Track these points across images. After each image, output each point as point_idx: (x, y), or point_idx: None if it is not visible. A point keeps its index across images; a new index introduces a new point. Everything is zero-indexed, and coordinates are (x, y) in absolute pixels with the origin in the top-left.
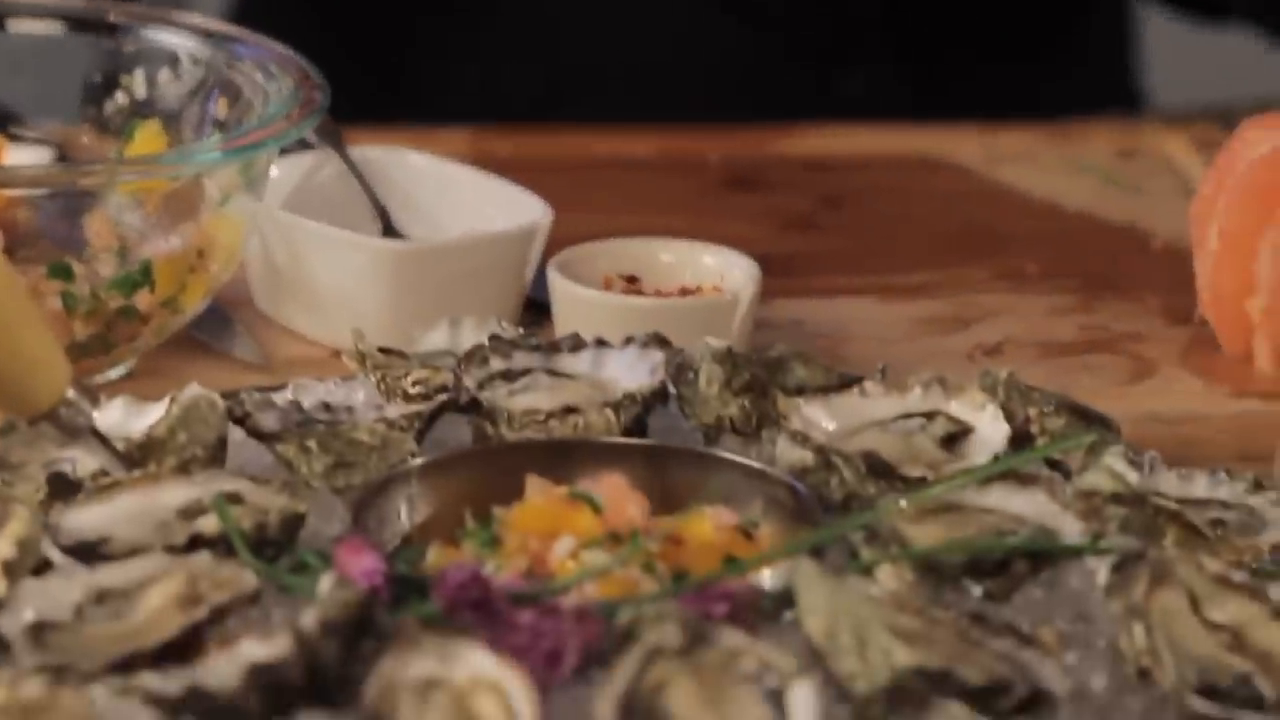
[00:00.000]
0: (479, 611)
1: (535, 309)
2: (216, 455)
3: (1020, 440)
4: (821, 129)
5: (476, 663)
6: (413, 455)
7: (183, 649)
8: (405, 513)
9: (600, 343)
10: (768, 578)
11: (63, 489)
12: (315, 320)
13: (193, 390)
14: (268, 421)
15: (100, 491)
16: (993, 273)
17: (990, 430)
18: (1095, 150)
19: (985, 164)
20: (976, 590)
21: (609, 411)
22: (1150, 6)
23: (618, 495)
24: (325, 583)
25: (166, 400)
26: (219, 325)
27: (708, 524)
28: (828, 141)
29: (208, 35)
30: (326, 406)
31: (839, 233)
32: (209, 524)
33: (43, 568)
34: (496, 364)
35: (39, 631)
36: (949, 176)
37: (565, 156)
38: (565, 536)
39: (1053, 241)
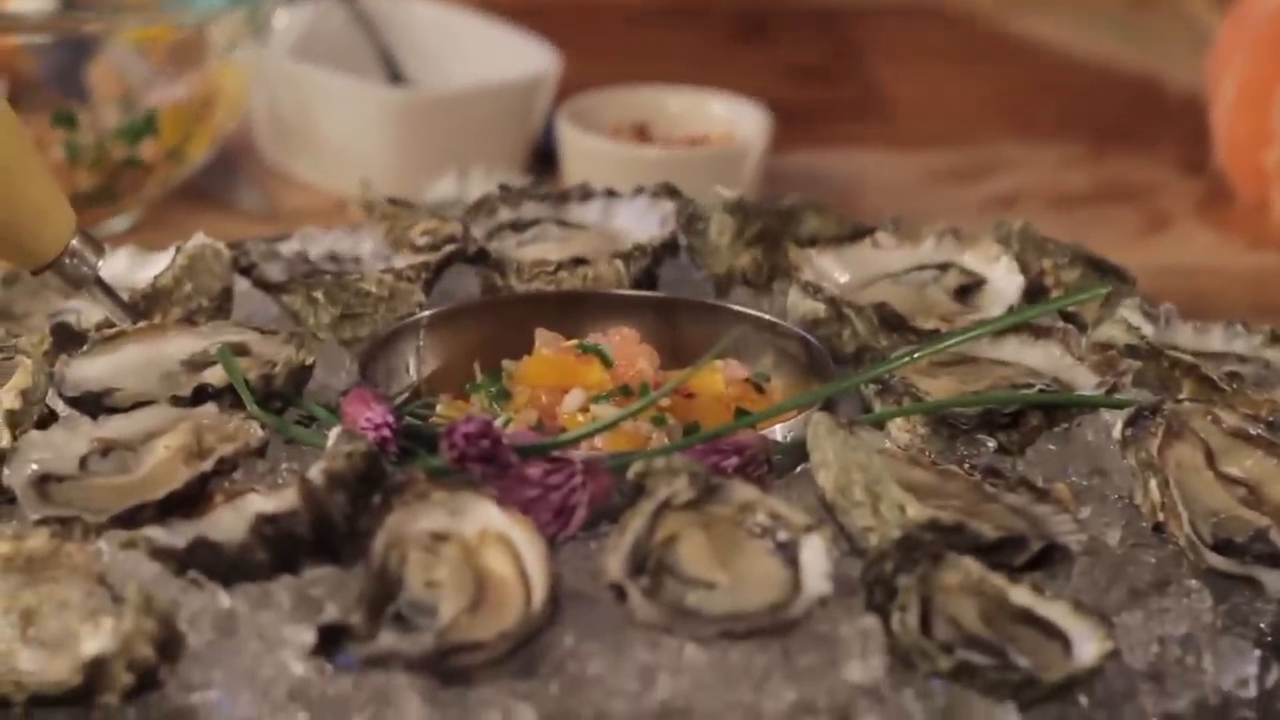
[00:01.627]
0: (488, 464)
1: (544, 158)
2: (222, 306)
3: (1034, 292)
4: None
5: (485, 516)
6: (420, 306)
7: (189, 501)
8: (413, 365)
9: (610, 193)
10: (779, 431)
11: (67, 340)
12: (323, 169)
13: (198, 240)
14: (274, 272)
15: (105, 342)
16: (1006, 124)
17: (1004, 282)
18: (1110, 2)
19: (999, 14)
20: (990, 444)
21: (619, 263)
22: None
23: (628, 348)
24: (333, 435)
25: (172, 250)
26: (225, 175)
27: (719, 377)
28: None
29: None
30: (333, 257)
31: (850, 83)
32: (215, 375)
33: (47, 419)
34: (505, 214)
35: (44, 484)
36: (962, 27)
37: (574, 5)
38: (575, 390)
39: (1067, 93)
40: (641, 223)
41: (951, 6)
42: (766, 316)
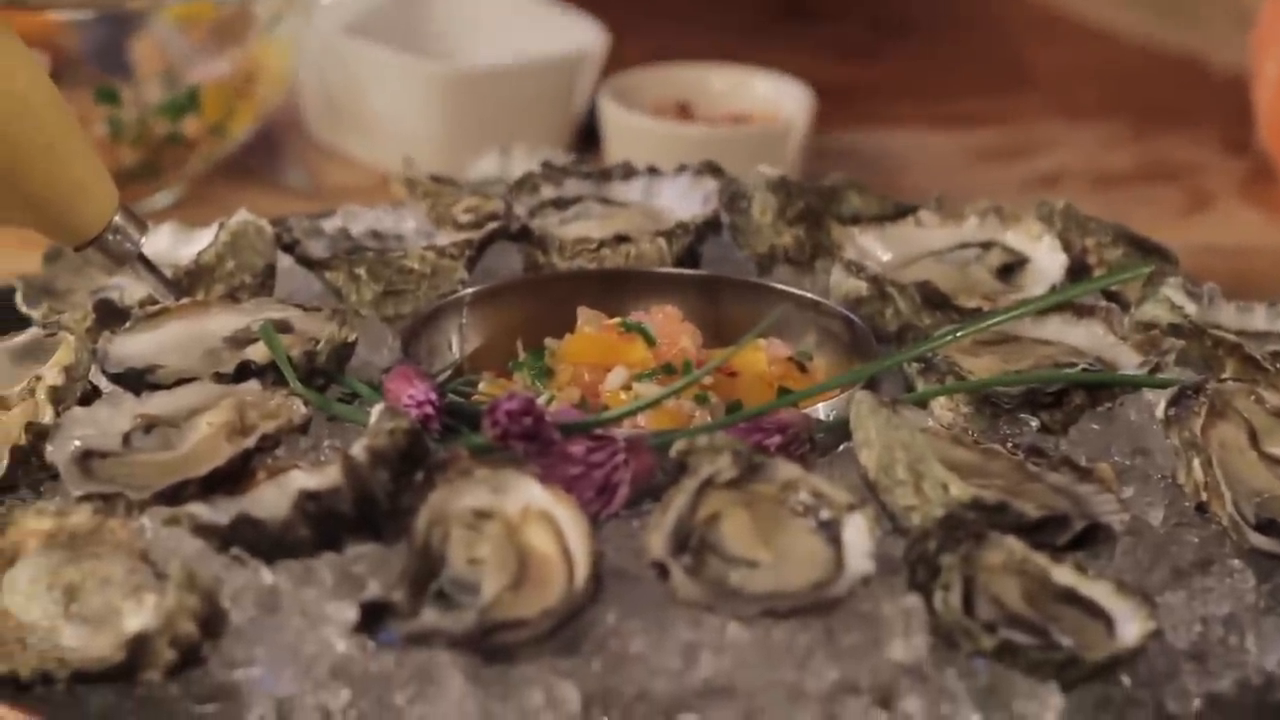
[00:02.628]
0: (531, 442)
1: (587, 136)
2: (265, 282)
3: (1077, 271)
4: None
5: (528, 494)
6: (463, 284)
7: (232, 478)
8: (456, 342)
9: (653, 170)
10: (822, 410)
11: (110, 316)
12: (368, 145)
13: (241, 217)
14: (317, 248)
15: (148, 319)
16: (1048, 103)
17: (1047, 261)
18: None
19: None
20: (1033, 423)
21: (661, 240)
22: None
23: (670, 327)
24: (375, 412)
25: (215, 227)
26: (267, 151)
27: (761, 355)
28: None
29: None
30: (376, 234)
31: (893, 62)
32: (258, 352)
33: (90, 396)
34: (548, 191)
35: (87, 460)
36: (1005, 5)
37: None
38: (618, 368)
39: (1109, 72)
40: (684, 201)
41: None
42: (809, 295)
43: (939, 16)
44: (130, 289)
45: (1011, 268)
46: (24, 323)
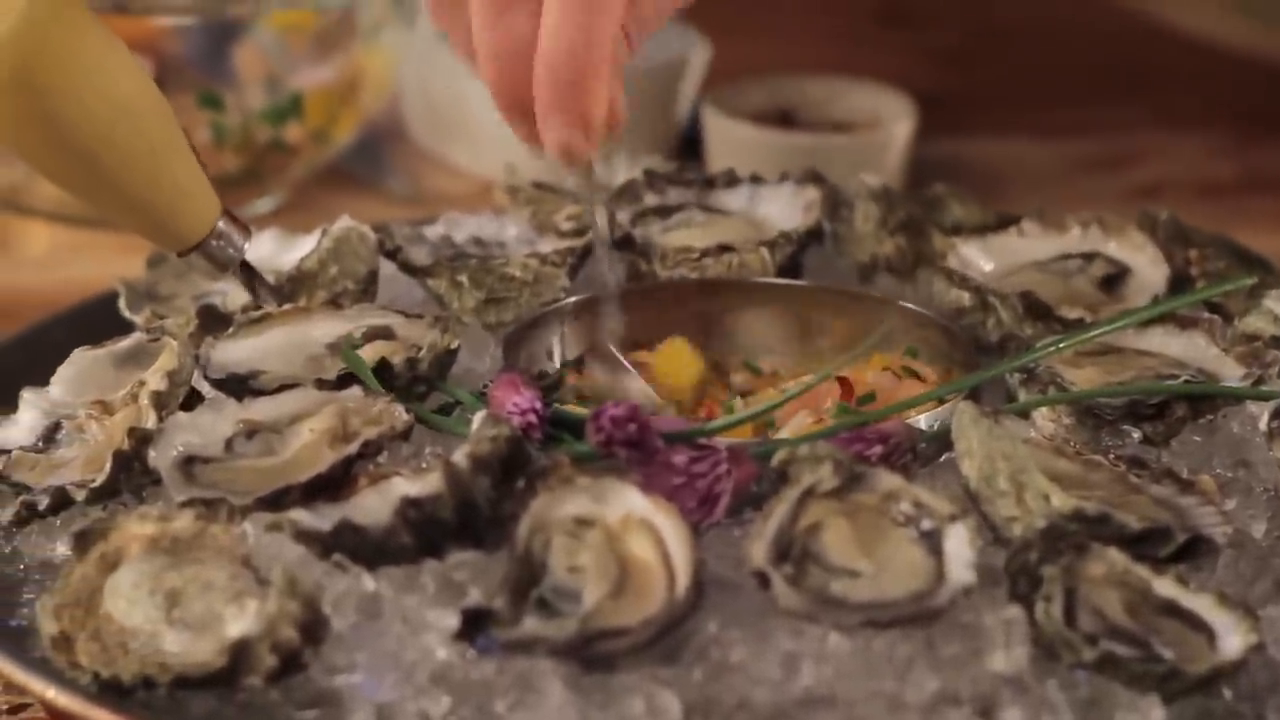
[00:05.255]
0: (634, 450)
1: (689, 144)
2: (367, 289)
3: (1180, 282)
4: None
5: (629, 502)
6: (565, 291)
7: (333, 484)
8: (558, 350)
9: (755, 179)
10: (924, 420)
11: (213, 322)
12: (472, 152)
13: (343, 223)
14: (419, 255)
15: (250, 325)
16: (1150, 112)
17: (1150, 272)
18: None
19: (1144, 1)
20: (1135, 434)
21: (764, 250)
22: None
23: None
24: (477, 419)
25: (317, 233)
26: (370, 158)
27: (870, 366)
28: None
29: None
30: (478, 241)
31: (994, 70)
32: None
33: (193, 401)
34: (650, 199)
35: (189, 465)
36: (1106, 13)
37: None
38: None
39: (1211, 81)
40: (787, 209)
41: None
42: (911, 305)
43: (1038, 24)
44: (233, 294)
45: (1114, 278)
46: (127, 328)
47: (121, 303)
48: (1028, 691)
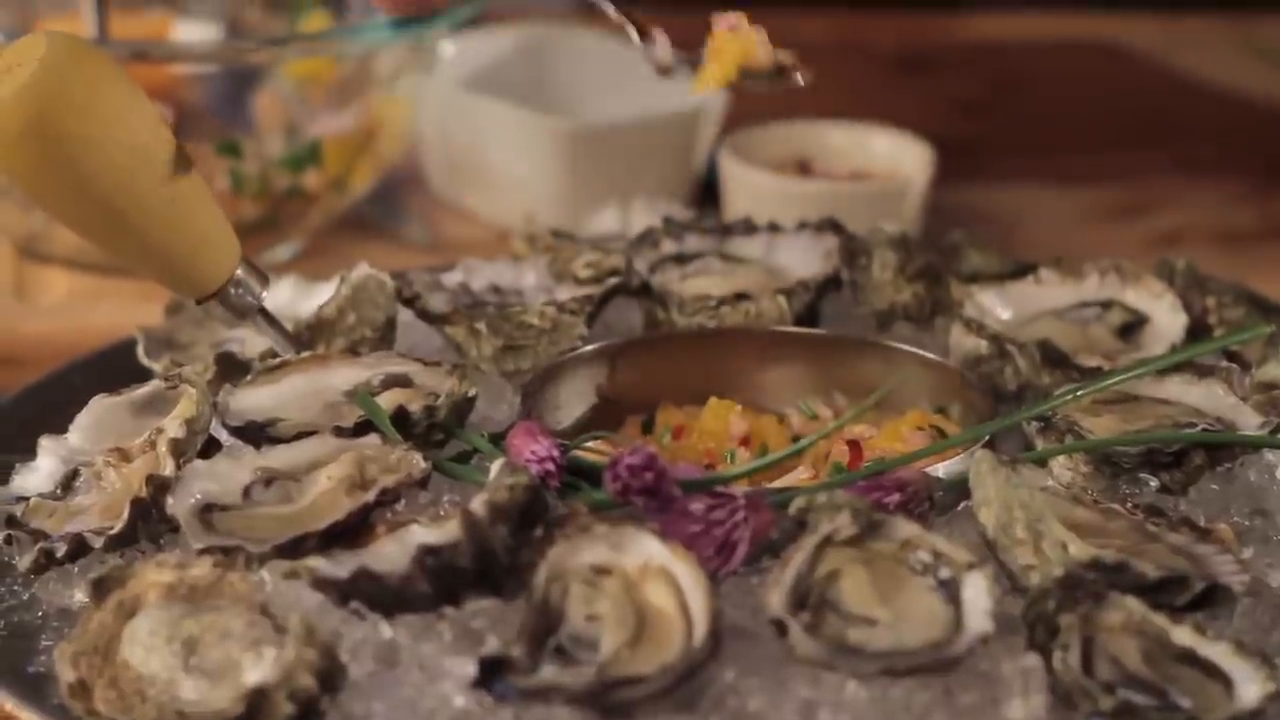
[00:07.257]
0: (652, 498)
1: (706, 192)
2: (385, 336)
3: (1198, 330)
4: (995, 12)
5: (647, 550)
6: (583, 339)
7: (351, 532)
8: (576, 398)
9: (773, 227)
10: (941, 468)
11: (231, 369)
12: (490, 199)
13: (362, 270)
14: (437, 303)
15: (268, 372)
16: (1168, 160)
17: (1168, 320)
18: (1274, 36)
19: (1162, 50)
20: (1152, 483)
21: (781, 298)
22: None
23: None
24: (495, 467)
25: (335, 280)
26: (388, 205)
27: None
28: (1001, 25)
29: None
30: (496, 289)
31: (1012, 118)
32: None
33: (211, 449)
34: (668, 247)
35: (207, 513)
36: (1124, 62)
37: None
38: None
39: (1230, 129)
40: (804, 257)
41: (1113, 41)
42: (929, 354)
43: (1056, 73)
44: (251, 342)
45: (1132, 327)
46: (145, 375)
47: (140, 350)
48: None
